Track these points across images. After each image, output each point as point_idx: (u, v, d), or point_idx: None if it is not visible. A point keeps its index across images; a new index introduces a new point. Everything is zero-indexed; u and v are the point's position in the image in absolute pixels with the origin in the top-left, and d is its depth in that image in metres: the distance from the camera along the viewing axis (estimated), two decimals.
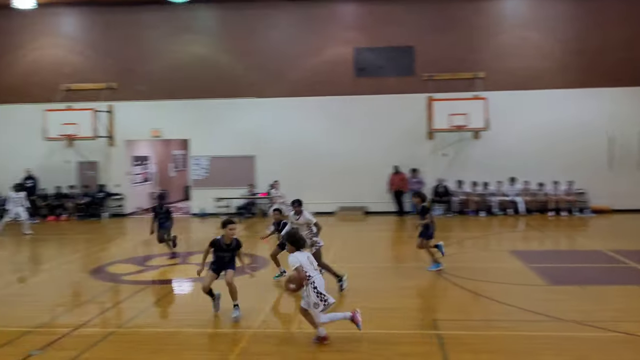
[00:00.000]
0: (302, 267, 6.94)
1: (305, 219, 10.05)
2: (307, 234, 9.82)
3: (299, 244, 7.20)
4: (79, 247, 16.03)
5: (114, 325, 8.34)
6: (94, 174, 22.42)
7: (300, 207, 10.21)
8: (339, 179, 21.29)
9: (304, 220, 10.04)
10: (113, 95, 22.03)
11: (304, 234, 9.67)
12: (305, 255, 7.17)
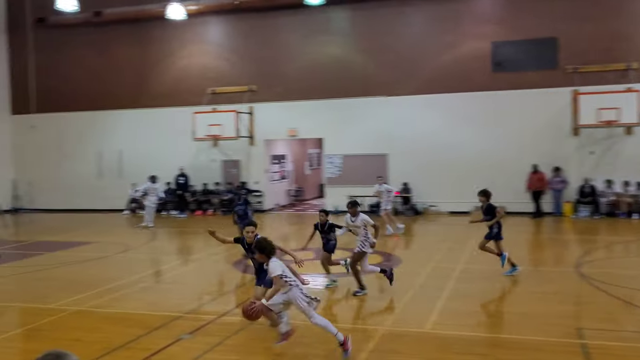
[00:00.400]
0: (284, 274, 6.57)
1: (362, 220, 9.79)
2: (362, 236, 9.70)
3: (269, 250, 6.73)
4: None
5: None
6: (236, 172, 23.77)
7: (356, 208, 9.93)
8: (473, 177, 20.64)
9: (361, 222, 9.79)
10: (253, 97, 23.19)
11: (360, 236, 9.72)
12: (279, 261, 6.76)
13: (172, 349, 7.13)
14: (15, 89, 26.20)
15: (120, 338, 7.54)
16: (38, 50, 25.54)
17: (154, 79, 24.39)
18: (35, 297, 10.09)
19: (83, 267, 13.07)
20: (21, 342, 7.93)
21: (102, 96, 24.82)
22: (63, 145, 25.43)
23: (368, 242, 9.70)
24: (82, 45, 25.07)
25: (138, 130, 24.37)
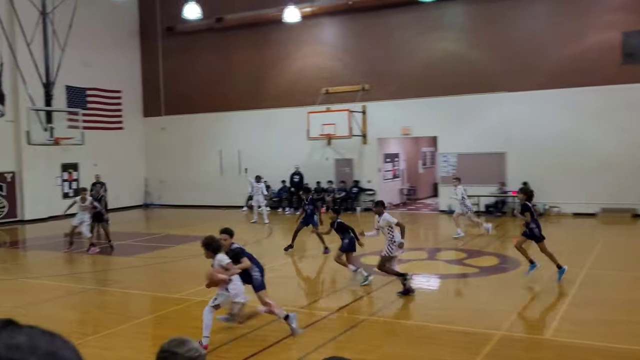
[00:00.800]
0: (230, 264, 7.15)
1: (385, 220, 9.71)
2: (388, 239, 9.60)
3: (214, 248, 7.28)
4: (336, 237, 17.31)
5: (366, 313, 8.89)
6: (349, 171, 24.02)
7: (382, 207, 9.91)
8: (599, 177, 19.33)
9: (385, 222, 9.72)
10: (366, 95, 23.29)
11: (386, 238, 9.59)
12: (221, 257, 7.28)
13: (287, 342, 7.38)
14: (146, 94, 28.29)
15: (239, 329, 7.91)
16: (166, 57, 27.38)
17: (270, 80, 25.25)
18: (163, 286, 10.86)
19: (205, 260, 13.82)
20: (151, 328, 8.57)
21: (223, 98, 26.10)
22: (189, 145, 27.05)
23: (395, 244, 9.62)
24: (205, 51, 26.51)
25: (255, 130, 25.35)
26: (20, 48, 19.94)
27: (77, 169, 24.83)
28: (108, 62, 25.99)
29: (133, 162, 27.54)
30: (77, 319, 9.18)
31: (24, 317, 8.97)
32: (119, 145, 26.58)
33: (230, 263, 7.30)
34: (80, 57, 23.72)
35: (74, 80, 23.97)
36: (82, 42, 23.09)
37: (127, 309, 9.75)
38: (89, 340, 7.70)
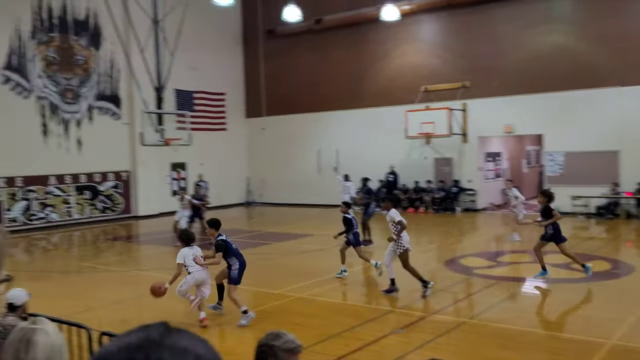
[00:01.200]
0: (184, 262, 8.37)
1: (389, 216, 9.81)
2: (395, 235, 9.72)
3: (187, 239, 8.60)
4: (435, 238, 17.07)
5: (466, 315, 8.69)
6: (448, 170, 23.53)
7: (389, 203, 10.01)
8: None
9: (389, 218, 9.83)
10: (467, 93, 22.71)
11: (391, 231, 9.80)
12: (192, 250, 8.42)
13: (384, 342, 7.37)
14: (249, 95, 29.28)
15: (337, 326, 8.01)
16: (267, 59, 28.17)
17: (368, 79, 25.28)
18: (263, 282, 11.20)
19: (304, 257, 14.13)
20: (252, 321, 8.87)
21: (321, 98, 26.47)
22: (288, 145, 27.69)
23: (400, 239, 9.69)
24: (304, 52, 27.01)
25: (352, 130, 25.48)
26: (135, 55, 21.32)
27: (185, 168, 26.18)
28: (213, 66, 27.18)
29: (236, 162, 28.61)
30: (183, 310, 9.68)
31: (139, 308, 9.62)
32: (222, 145, 27.72)
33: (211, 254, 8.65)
34: (187, 62, 25.02)
35: (182, 84, 25.32)
36: (189, 48, 24.31)
37: (230, 302, 10.14)
38: (195, 331, 8.09)
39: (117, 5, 20.73)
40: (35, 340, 2.30)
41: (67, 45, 22.24)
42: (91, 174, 22.94)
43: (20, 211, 20.86)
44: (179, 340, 0.94)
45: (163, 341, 0.92)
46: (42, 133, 21.48)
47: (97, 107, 23.25)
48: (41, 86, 21.50)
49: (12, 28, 20.61)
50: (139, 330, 0.96)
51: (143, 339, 0.92)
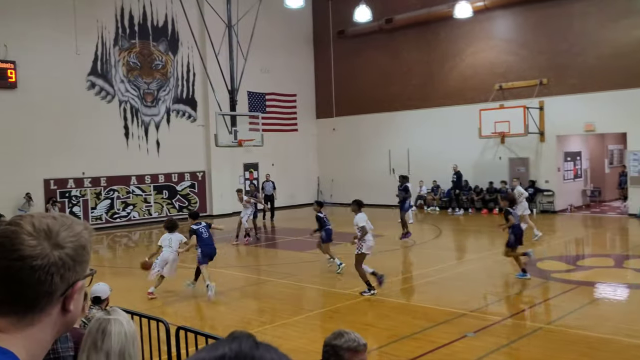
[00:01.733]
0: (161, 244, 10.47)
1: (355, 220, 10.30)
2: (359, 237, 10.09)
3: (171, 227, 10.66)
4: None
5: (543, 321, 8.40)
6: (524, 170, 22.77)
7: (356, 207, 10.58)
8: None
9: (355, 222, 10.27)
10: (543, 90, 21.91)
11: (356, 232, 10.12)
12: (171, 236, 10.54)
13: (456, 345, 7.24)
14: (319, 96, 29.51)
15: (407, 328, 7.95)
16: (337, 60, 28.29)
17: (440, 78, 24.87)
18: (334, 282, 11.26)
19: (375, 258, 14.05)
20: (323, 321, 8.95)
21: (392, 98, 26.28)
22: (358, 145, 27.68)
23: (365, 244, 10.01)
24: (375, 52, 26.91)
25: (424, 129, 25.13)
26: (210, 59, 21.97)
27: (257, 169, 26.70)
28: (284, 68, 27.59)
29: (306, 162, 28.90)
30: (256, 308, 9.89)
31: (214, 304, 9.88)
32: (293, 145, 28.08)
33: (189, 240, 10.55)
34: (260, 64, 25.53)
35: (254, 86, 25.86)
36: (261, 50, 24.80)
37: (301, 301, 10.28)
38: (267, 328, 8.26)
39: (193, 12, 21.43)
40: (110, 330, 2.45)
41: (147, 51, 23.24)
42: (169, 174, 23.83)
43: (104, 209, 21.97)
44: (266, 353, 1.03)
45: (254, 354, 1.00)
46: (124, 135, 22.54)
47: (175, 110, 24.14)
48: (123, 90, 22.57)
49: (98, 36, 21.75)
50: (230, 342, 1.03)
51: (236, 351, 1.00)
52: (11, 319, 1.21)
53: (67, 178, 20.94)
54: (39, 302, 1.22)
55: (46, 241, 1.22)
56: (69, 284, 1.25)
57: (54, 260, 1.22)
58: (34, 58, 19.83)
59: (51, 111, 20.21)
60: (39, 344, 1.25)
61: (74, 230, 1.28)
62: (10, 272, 1.19)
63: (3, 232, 1.23)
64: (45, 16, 20.14)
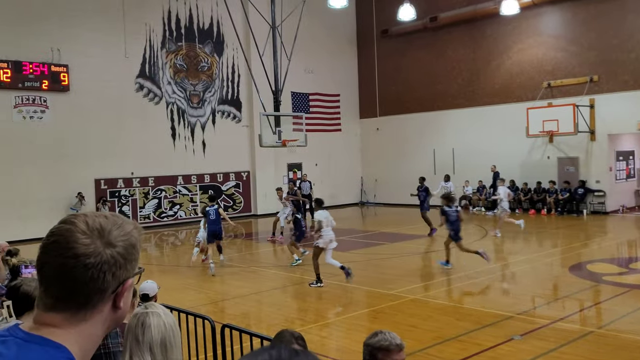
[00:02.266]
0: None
1: (315, 215, 11.28)
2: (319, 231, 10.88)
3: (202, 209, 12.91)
4: (558, 242, 16.17)
5: (593, 325, 8.16)
6: (574, 170, 22.16)
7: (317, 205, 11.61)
8: None
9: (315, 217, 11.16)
10: (594, 88, 21.27)
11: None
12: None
13: (502, 348, 7.11)
14: (363, 96, 29.44)
15: (452, 330, 7.85)
16: (381, 60, 28.15)
17: (485, 76, 24.44)
18: (378, 282, 11.21)
19: (418, 258, 13.96)
20: (367, 321, 8.92)
21: (436, 97, 25.99)
22: (402, 145, 27.47)
23: (322, 238, 10.77)
24: (419, 51, 26.66)
25: (470, 129, 24.74)
26: (254, 60, 22.19)
27: (300, 169, 26.84)
28: (328, 68, 27.64)
29: (350, 162, 28.87)
30: (299, 307, 9.94)
31: (258, 302, 10.01)
32: (337, 146, 28.09)
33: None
34: (303, 65, 25.65)
35: (298, 86, 26.00)
36: (305, 51, 24.90)
37: (345, 301, 10.28)
38: (311, 328, 8.30)
39: (238, 13, 21.70)
40: (149, 323, 2.53)
41: (193, 53, 23.68)
42: (214, 174, 24.21)
43: (151, 209, 22.50)
44: None
45: None
46: (171, 136, 23.02)
47: (220, 111, 24.52)
48: (170, 92, 23.06)
49: (146, 39, 22.30)
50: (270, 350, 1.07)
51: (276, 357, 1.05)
52: (65, 314, 1.24)
53: (117, 178, 21.53)
54: (91, 299, 1.25)
55: (99, 240, 1.26)
56: (119, 282, 1.29)
57: (106, 258, 1.25)
58: (86, 61, 20.47)
59: (102, 113, 20.84)
60: (91, 339, 1.28)
61: (124, 229, 1.31)
62: (64, 270, 1.23)
63: (58, 231, 1.27)
64: (96, 21, 20.77)
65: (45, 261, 1.26)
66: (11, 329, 1.26)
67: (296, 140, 21.31)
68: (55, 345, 1.22)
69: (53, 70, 19.73)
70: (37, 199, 19.27)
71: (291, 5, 20.40)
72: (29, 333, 1.24)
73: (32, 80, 19.34)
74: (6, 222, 17.40)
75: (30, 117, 19.50)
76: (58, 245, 1.25)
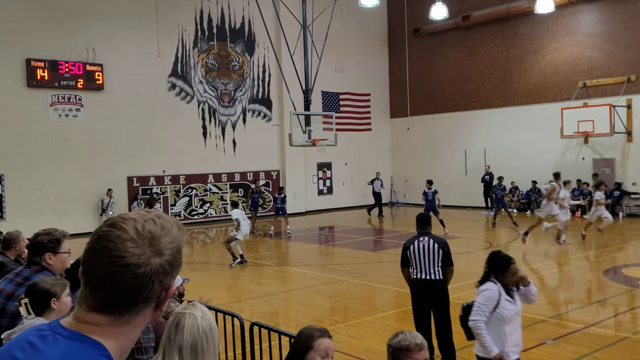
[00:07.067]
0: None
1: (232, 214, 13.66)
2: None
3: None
4: (593, 245, 15.82)
5: (629, 330, 7.96)
6: (609, 172, 21.66)
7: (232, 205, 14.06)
8: None
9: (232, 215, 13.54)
10: (631, 88, 20.75)
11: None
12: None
13: (534, 352, 6.99)
14: (393, 96, 29.28)
15: None
16: (412, 59, 27.95)
17: (519, 76, 24.06)
18: (406, 283, 11.10)
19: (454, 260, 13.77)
20: (395, 322, 8.87)
21: (468, 96, 25.70)
22: (433, 145, 27.24)
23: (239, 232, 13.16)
24: (451, 50, 26.39)
25: (502, 129, 24.40)
26: (285, 59, 22.27)
27: (330, 168, 26.83)
28: (358, 67, 27.57)
29: (380, 162, 28.73)
30: (328, 307, 9.93)
31: (287, 301, 10.04)
32: (367, 145, 28.01)
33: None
34: (334, 64, 25.63)
35: (328, 85, 26.00)
36: (336, 50, 24.89)
37: (373, 301, 10.24)
38: (339, 327, 8.28)
39: (269, 13, 21.80)
40: (183, 324, 2.52)
41: (224, 52, 23.88)
42: (244, 173, 24.38)
43: (182, 206, 22.77)
44: None
45: None
46: (202, 135, 23.25)
47: (251, 110, 24.67)
48: (202, 91, 23.29)
49: (178, 38, 22.57)
50: None
51: None
52: (109, 317, 1.25)
53: (149, 176, 21.85)
54: (137, 305, 1.26)
55: (149, 249, 1.25)
56: (165, 288, 1.29)
57: (156, 268, 1.25)
58: (120, 61, 20.82)
59: (134, 111, 21.17)
60: (130, 339, 1.29)
61: (172, 234, 1.31)
62: (114, 278, 1.22)
63: (107, 235, 1.25)
64: (130, 20, 21.10)
65: (93, 265, 1.25)
66: (52, 324, 1.27)
67: (326, 140, 21.31)
68: (95, 343, 1.22)
69: (88, 69, 20.13)
70: (72, 196, 19.70)
71: (322, 4, 20.40)
72: (70, 329, 1.24)
73: (67, 79, 19.76)
74: (42, 218, 17.80)
75: (66, 115, 19.92)
76: (108, 252, 1.23)
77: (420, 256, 6.51)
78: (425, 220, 6.89)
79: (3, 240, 5.62)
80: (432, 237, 6.65)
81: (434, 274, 6.50)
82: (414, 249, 6.59)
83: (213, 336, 2.59)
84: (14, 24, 18.81)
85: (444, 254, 6.50)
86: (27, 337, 1.25)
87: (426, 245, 6.53)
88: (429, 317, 6.61)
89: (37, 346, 1.22)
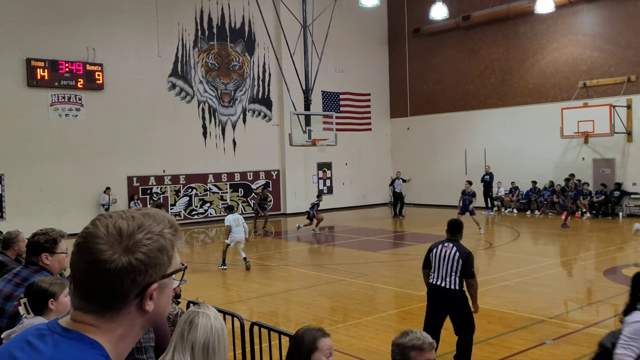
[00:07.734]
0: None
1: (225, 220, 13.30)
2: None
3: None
4: (592, 245, 15.83)
5: None
6: (610, 172, 21.66)
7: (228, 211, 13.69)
8: None
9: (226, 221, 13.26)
10: (632, 88, 20.75)
11: None
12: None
13: (534, 352, 6.99)
14: (393, 96, 29.27)
15: (483, 333, 7.73)
16: (412, 59, 27.95)
17: (519, 76, 24.07)
18: (407, 283, 11.13)
19: None
20: (395, 322, 8.87)
21: (468, 96, 25.69)
22: (433, 145, 27.24)
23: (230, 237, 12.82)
24: (451, 50, 26.39)
25: (502, 129, 24.40)
26: (285, 59, 22.27)
27: (330, 168, 26.83)
28: (359, 67, 27.57)
29: (380, 162, 28.75)
30: (328, 307, 9.93)
31: (287, 301, 10.04)
32: (367, 145, 28.00)
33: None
34: (334, 64, 25.63)
35: (328, 85, 26.01)
36: (336, 50, 24.90)
37: (373, 301, 10.24)
38: (339, 327, 8.28)
39: (269, 13, 21.80)
40: (197, 322, 2.55)
41: (224, 52, 23.88)
42: (244, 173, 24.38)
43: (182, 206, 22.77)
44: None
45: None
46: (202, 135, 23.25)
47: (251, 110, 24.67)
48: (202, 91, 23.30)
49: (178, 38, 22.57)
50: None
51: None
52: (94, 315, 1.25)
53: (149, 175, 21.85)
54: (112, 302, 1.24)
55: (117, 245, 1.23)
56: (142, 287, 1.25)
57: (122, 265, 1.22)
58: (120, 61, 20.82)
59: (134, 111, 21.17)
60: (123, 339, 1.28)
61: (151, 232, 1.27)
62: (84, 274, 1.24)
63: (84, 232, 1.27)
64: (130, 20, 21.10)
65: (72, 262, 1.28)
66: (50, 324, 1.28)
67: (326, 140, 21.31)
68: (93, 342, 1.23)
69: (88, 69, 20.12)
70: (72, 196, 19.70)
71: (322, 4, 20.40)
72: (66, 328, 1.25)
73: (67, 79, 19.75)
74: (42, 218, 17.80)
75: (66, 115, 19.92)
76: (80, 248, 1.25)
77: (440, 261, 6.44)
78: (456, 228, 6.71)
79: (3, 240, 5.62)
80: (456, 245, 6.52)
81: (450, 283, 6.37)
82: (436, 253, 6.51)
83: (224, 338, 2.65)
84: (14, 23, 18.81)
85: (464, 264, 6.35)
86: (25, 337, 1.26)
87: (448, 251, 6.43)
88: (439, 323, 6.51)
89: (35, 345, 1.23)
